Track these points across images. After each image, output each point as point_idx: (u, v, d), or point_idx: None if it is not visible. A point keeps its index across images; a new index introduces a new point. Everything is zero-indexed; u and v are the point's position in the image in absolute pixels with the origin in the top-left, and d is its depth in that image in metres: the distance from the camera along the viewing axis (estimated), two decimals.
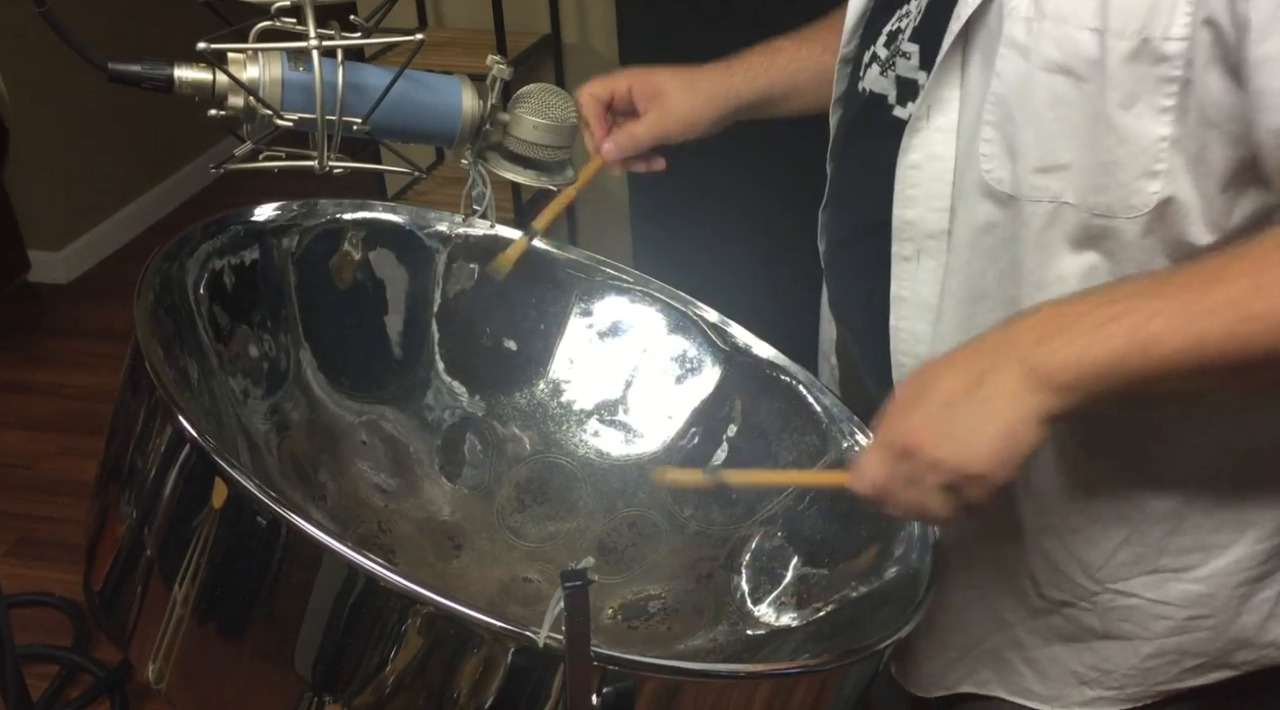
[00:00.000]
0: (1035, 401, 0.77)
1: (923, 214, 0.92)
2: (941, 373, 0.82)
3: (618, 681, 0.74)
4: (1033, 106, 0.83)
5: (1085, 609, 0.99)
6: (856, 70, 1.01)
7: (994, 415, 0.78)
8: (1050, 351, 0.77)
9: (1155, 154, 0.80)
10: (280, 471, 1.04)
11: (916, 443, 0.80)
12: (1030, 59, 0.82)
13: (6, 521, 2.55)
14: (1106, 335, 0.76)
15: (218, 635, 0.84)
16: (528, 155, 1.01)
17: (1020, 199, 0.86)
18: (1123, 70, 0.79)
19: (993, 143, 0.86)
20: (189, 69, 0.89)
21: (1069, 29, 0.80)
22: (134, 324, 0.89)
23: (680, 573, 1.10)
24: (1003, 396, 0.78)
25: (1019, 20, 0.82)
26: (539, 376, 1.20)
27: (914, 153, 0.92)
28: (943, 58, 0.88)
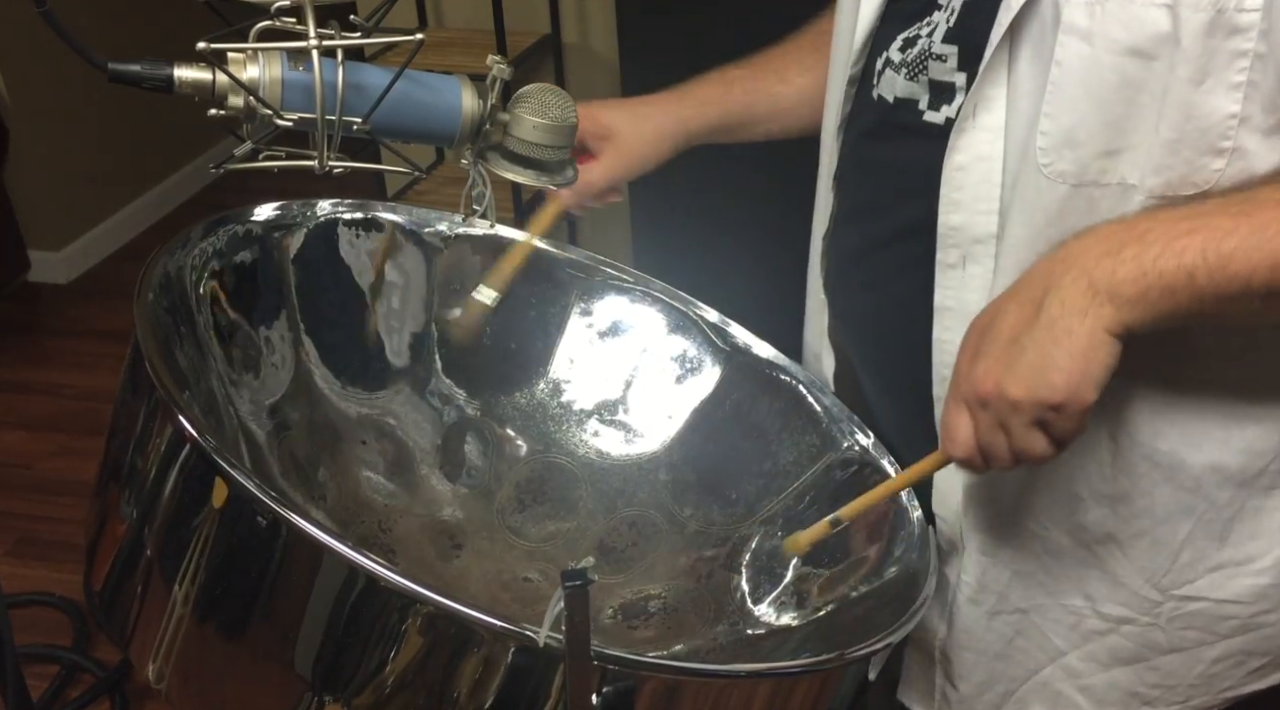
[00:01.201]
0: (1103, 314, 0.76)
1: (970, 218, 0.90)
2: (1002, 308, 0.80)
3: (618, 681, 0.74)
4: (1097, 92, 0.80)
5: (1148, 624, 0.96)
6: (867, 83, 0.99)
7: (1062, 336, 0.76)
8: (1118, 262, 0.76)
9: (1223, 131, 0.78)
10: (280, 471, 1.04)
11: (990, 388, 0.79)
12: (1094, 43, 0.80)
13: (6, 521, 2.55)
14: (1179, 249, 0.75)
15: (218, 635, 0.84)
16: (528, 155, 1.01)
17: (1085, 186, 0.83)
18: (1196, 44, 0.76)
19: (1050, 135, 0.83)
20: (189, 69, 0.89)
21: (1137, 7, 0.78)
22: (134, 324, 0.89)
23: (680, 572, 1.10)
24: (1068, 316, 0.76)
25: (1079, 5, 0.80)
26: (539, 376, 1.20)
27: (960, 154, 0.89)
28: (991, 55, 0.85)
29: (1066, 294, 0.77)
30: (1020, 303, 0.79)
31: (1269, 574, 0.94)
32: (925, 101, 0.93)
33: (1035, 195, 0.85)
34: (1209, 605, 0.95)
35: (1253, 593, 0.95)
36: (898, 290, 0.98)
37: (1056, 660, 1.01)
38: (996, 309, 0.81)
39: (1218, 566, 0.94)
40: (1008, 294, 0.81)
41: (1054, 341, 0.77)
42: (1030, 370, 0.77)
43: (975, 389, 0.80)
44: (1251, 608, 0.95)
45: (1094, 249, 0.77)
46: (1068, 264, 0.78)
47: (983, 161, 0.88)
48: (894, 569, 0.99)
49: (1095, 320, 0.76)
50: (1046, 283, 0.78)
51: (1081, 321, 0.76)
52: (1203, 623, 0.96)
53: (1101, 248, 0.77)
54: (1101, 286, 0.76)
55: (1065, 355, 0.76)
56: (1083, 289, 0.76)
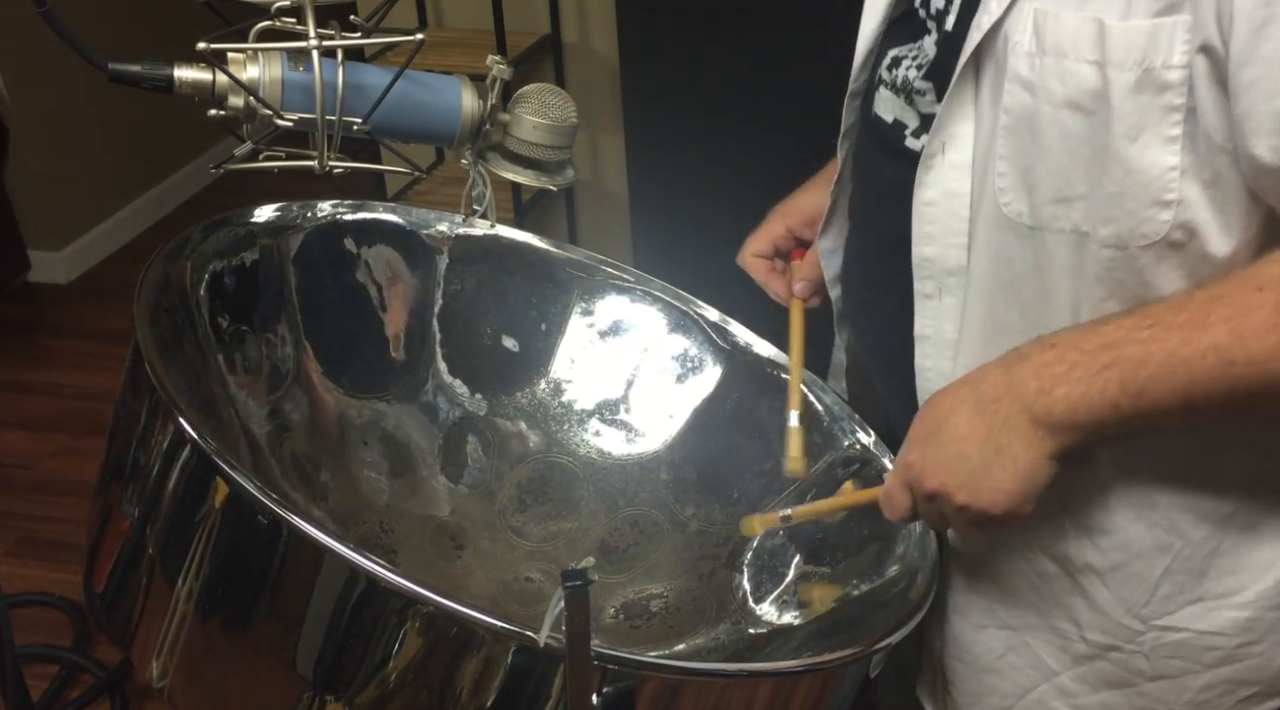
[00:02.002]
0: (1045, 445, 0.83)
1: (941, 251, 0.92)
2: (954, 412, 0.85)
3: (619, 681, 0.74)
4: (1043, 140, 0.83)
5: (1132, 652, 0.97)
6: (868, 99, 1.00)
7: (1008, 462, 0.83)
8: (1052, 401, 0.81)
9: (1165, 184, 0.80)
10: (281, 472, 1.04)
11: (939, 488, 0.85)
12: (1036, 94, 0.82)
13: (6, 521, 2.55)
14: (1102, 384, 0.80)
15: (220, 634, 0.84)
16: (528, 155, 1.01)
17: (1042, 229, 0.86)
18: (1127, 102, 0.78)
19: (1007, 176, 0.85)
20: (189, 69, 0.89)
21: (1069, 63, 0.80)
22: (134, 324, 0.89)
23: (682, 572, 1.10)
24: (1015, 444, 0.83)
25: (1022, 55, 0.82)
26: (540, 376, 1.20)
27: (929, 189, 0.91)
28: (951, 92, 0.87)
29: (1013, 423, 0.83)
30: (973, 417, 0.84)
31: (1251, 607, 0.94)
32: (913, 128, 0.94)
33: (997, 233, 0.88)
34: (1191, 635, 0.95)
35: (1235, 626, 0.95)
36: (888, 303, 0.99)
37: (1050, 679, 1.01)
38: (947, 406, 0.86)
39: (1198, 599, 0.94)
40: (958, 394, 0.86)
41: (1000, 466, 0.83)
42: (975, 485, 0.84)
43: (921, 484, 0.87)
44: (1235, 640, 0.95)
45: (1032, 384, 0.82)
46: (1014, 394, 0.83)
47: (951, 197, 0.90)
48: (894, 568, 0.99)
49: (1038, 449, 0.83)
50: (995, 405, 0.84)
51: (1026, 451, 0.83)
52: (1187, 652, 0.96)
53: (1038, 384, 0.82)
54: (1041, 422, 0.82)
55: (1009, 478, 0.83)
56: (1025, 422, 0.82)
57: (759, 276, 1.17)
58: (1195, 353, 0.77)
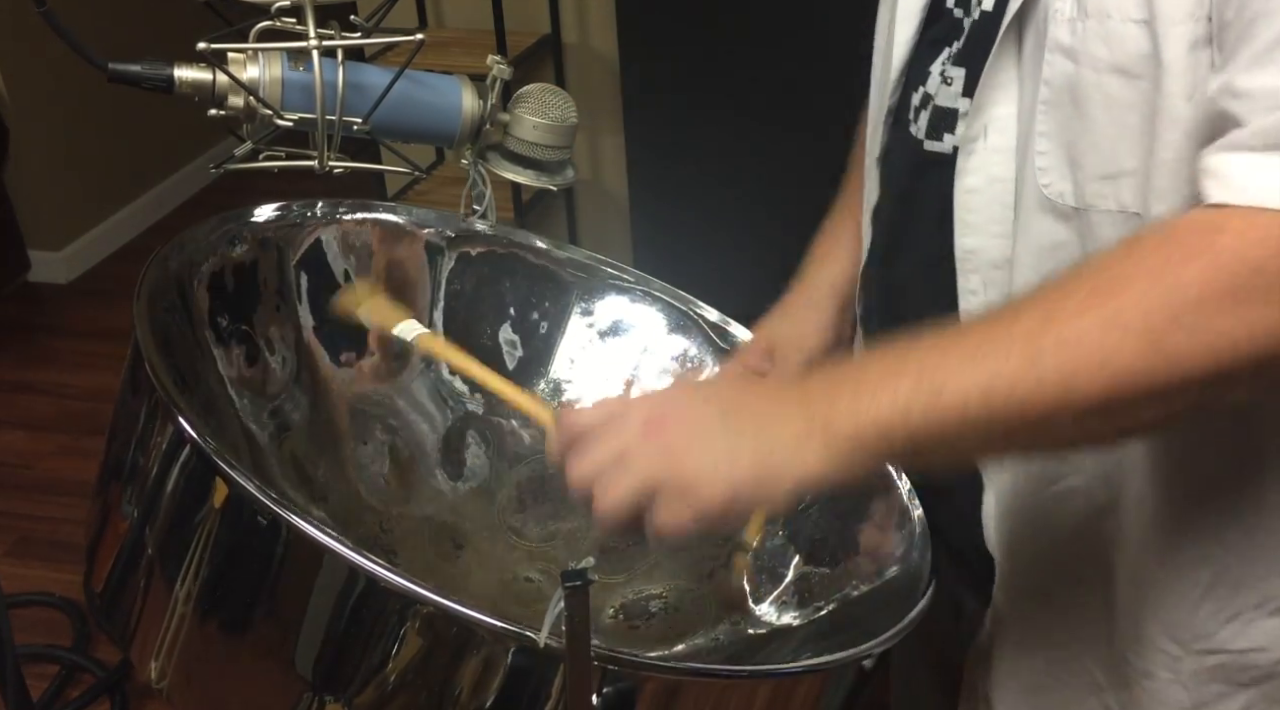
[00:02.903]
0: (812, 451, 0.71)
1: (983, 242, 0.87)
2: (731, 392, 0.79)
3: (618, 681, 0.74)
4: (1087, 111, 0.78)
5: (1168, 681, 0.92)
6: (903, 116, 0.95)
7: (767, 457, 0.71)
8: (834, 401, 0.72)
9: None
10: (281, 472, 1.04)
11: (663, 427, 0.72)
12: (1079, 61, 0.77)
13: (6, 521, 2.55)
14: (893, 387, 0.70)
15: (219, 634, 0.84)
16: (528, 155, 1.01)
17: (1087, 210, 0.80)
18: (1180, 60, 0.73)
19: (1048, 154, 0.80)
20: (189, 69, 0.89)
21: (1114, 24, 0.75)
22: (134, 324, 0.89)
23: (681, 572, 1.10)
24: (791, 448, 0.71)
25: (1063, 22, 0.77)
26: (540, 376, 1.20)
27: (970, 176, 0.86)
28: (988, 70, 0.82)
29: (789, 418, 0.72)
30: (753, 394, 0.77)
31: None
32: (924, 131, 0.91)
33: (1038, 218, 0.83)
34: (1230, 656, 0.92)
35: (1271, 637, 0.91)
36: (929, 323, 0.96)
37: (1098, 694, 0.97)
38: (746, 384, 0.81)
39: (1236, 614, 0.91)
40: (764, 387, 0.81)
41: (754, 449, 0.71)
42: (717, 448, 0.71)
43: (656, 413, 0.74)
44: (1273, 654, 0.92)
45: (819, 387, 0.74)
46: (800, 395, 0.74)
47: (995, 183, 0.85)
48: (894, 569, 0.99)
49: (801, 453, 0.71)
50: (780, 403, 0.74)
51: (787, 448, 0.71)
52: (1224, 675, 0.92)
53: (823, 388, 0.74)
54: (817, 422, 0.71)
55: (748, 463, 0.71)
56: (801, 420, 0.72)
57: None
58: (997, 346, 0.69)
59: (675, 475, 0.71)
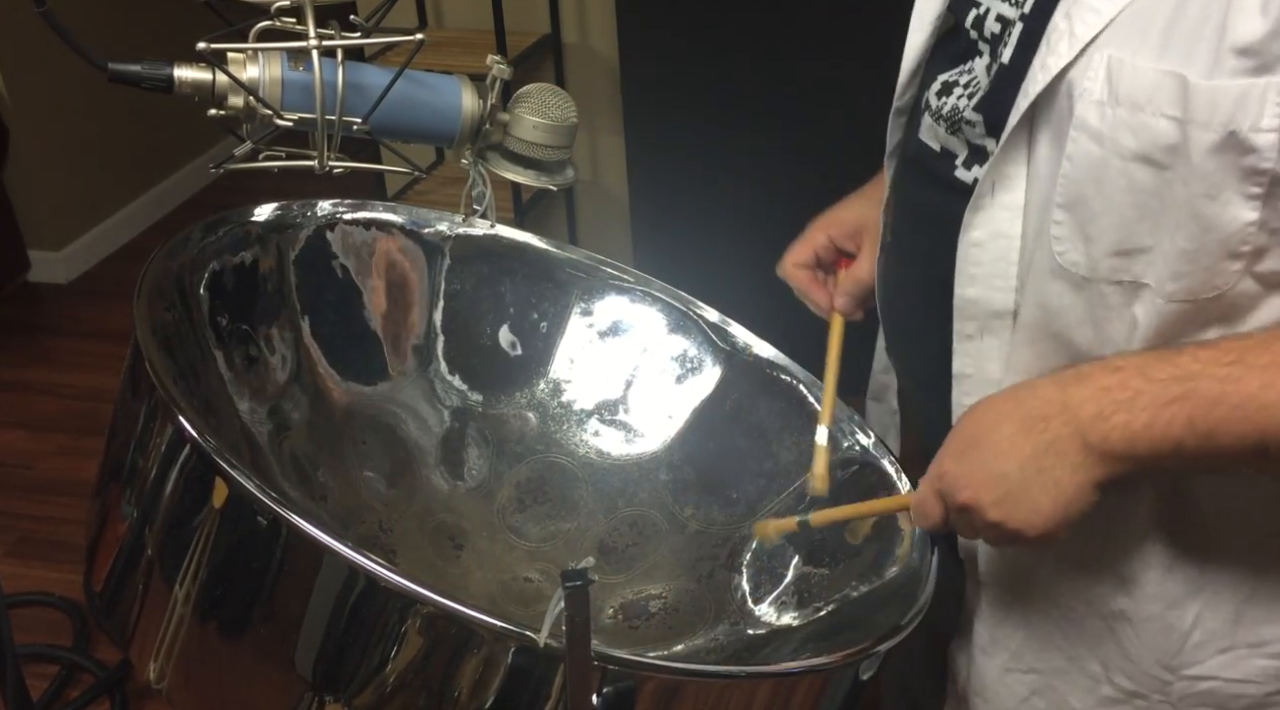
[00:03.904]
0: (1092, 472, 0.78)
1: (986, 293, 0.88)
2: (995, 424, 0.82)
3: (618, 681, 0.74)
4: (1108, 192, 0.78)
5: (1159, 701, 0.94)
6: (914, 119, 0.97)
7: (1050, 485, 0.79)
8: (1110, 428, 0.77)
9: (1242, 237, 0.76)
10: (281, 471, 1.04)
11: (974, 502, 0.81)
12: (1104, 145, 0.77)
13: (6, 521, 2.55)
14: (1168, 418, 0.76)
15: (219, 635, 0.84)
16: (528, 155, 1.01)
17: (1098, 281, 0.82)
18: (1208, 162, 0.74)
19: (1064, 225, 0.81)
20: (189, 69, 0.89)
21: (1146, 117, 0.75)
22: (134, 324, 0.89)
23: (681, 572, 1.10)
24: (1061, 469, 0.79)
25: (1091, 104, 0.77)
26: (539, 376, 1.20)
27: (977, 230, 0.87)
28: (1008, 135, 0.83)
29: (1062, 446, 0.79)
30: (1014, 426, 0.80)
31: None
32: (962, 158, 0.91)
33: (1049, 281, 0.84)
34: (1220, 684, 0.93)
35: (1265, 674, 0.92)
36: (927, 340, 0.96)
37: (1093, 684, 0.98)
38: (990, 419, 0.82)
39: (1229, 648, 0.92)
40: (1002, 406, 0.82)
41: (1042, 487, 0.79)
42: (1012, 505, 0.80)
43: (955, 496, 0.83)
44: (1265, 688, 0.92)
45: (1089, 407, 0.78)
46: (1065, 417, 0.79)
47: (1000, 238, 0.86)
48: (894, 569, 0.99)
49: (1085, 476, 0.79)
50: (1044, 423, 0.79)
51: (1071, 476, 0.79)
52: (1214, 701, 0.93)
53: (1095, 407, 0.78)
54: (1094, 448, 0.78)
55: (1049, 503, 0.79)
56: (1077, 447, 0.78)
57: (800, 286, 1.13)
58: (1272, 399, 0.73)
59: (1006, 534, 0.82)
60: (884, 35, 1.08)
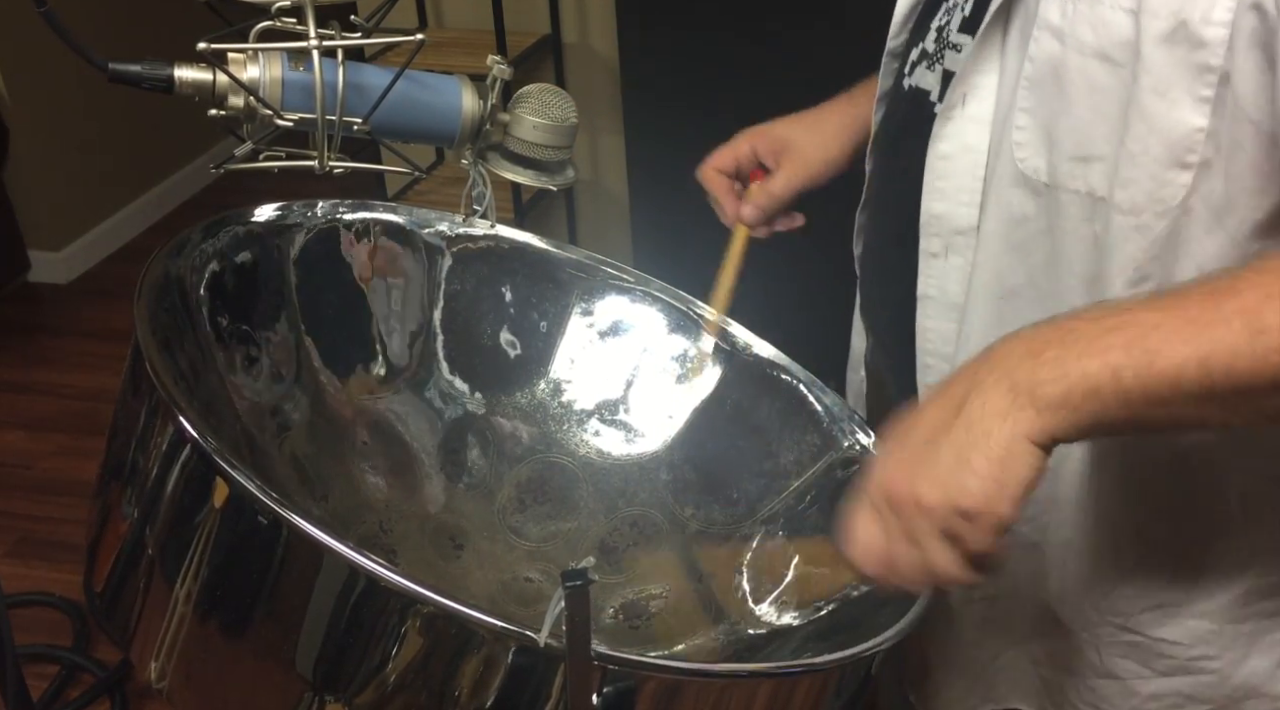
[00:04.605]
0: (1024, 419, 0.69)
1: (952, 208, 0.89)
2: (923, 409, 0.75)
3: (618, 681, 0.74)
4: (1068, 93, 0.79)
5: (1086, 641, 0.95)
6: (903, 67, 0.98)
7: (980, 439, 0.70)
8: (1039, 364, 0.69)
9: (1189, 145, 0.75)
10: (281, 472, 1.04)
11: (900, 488, 0.72)
12: (1065, 42, 0.78)
13: (6, 521, 2.55)
14: (1103, 347, 0.69)
15: (219, 635, 0.84)
16: (528, 155, 1.01)
17: (1057, 188, 0.82)
18: (1157, 53, 0.74)
19: (1026, 129, 0.82)
20: (189, 69, 0.89)
21: (1104, 9, 0.76)
22: (134, 324, 0.89)
23: (681, 572, 1.10)
24: (988, 418, 0.70)
25: (1054, 2, 0.79)
26: (540, 376, 1.20)
27: (945, 142, 0.87)
28: (978, 40, 0.84)
29: (988, 395, 0.70)
30: (941, 404, 0.73)
31: (1212, 618, 0.91)
32: (937, 93, 0.92)
33: (1010, 188, 0.85)
34: (1145, 640, 0.93)
35: (1191, 635, 0.92)
36: (897, 285, 0.97)
37: (1020, 645, 1.01)
38: (920, 409, 0.75)
39: (1158, 606, 0.91)
40: (931, 397, 0.75)
41: (971, 444, 0.70)
42: (944, 472, 0.70)
43: (884, 488, 0.73)
44: (1191, 651, 0.92)
45: (1017, 349, 0.71)
46: (991, 365, 0.71)
47: (968, 152, 0.87)
48: None
49: (1015, 425, 0.69)
50: (969, 384, 0.71)
51: (1001, 425, 0.69)
52: (1139, 656, 0.93)
53: (1024, 348, 0.71)
54: (1023, 388, 0.69)
55: (982, 459, 0.69)
56: (1004, 390, 0.70)
57: (714, 191, 1.14)
58: (1220, 316, 0.67)
59: (951, 527, 0.71)
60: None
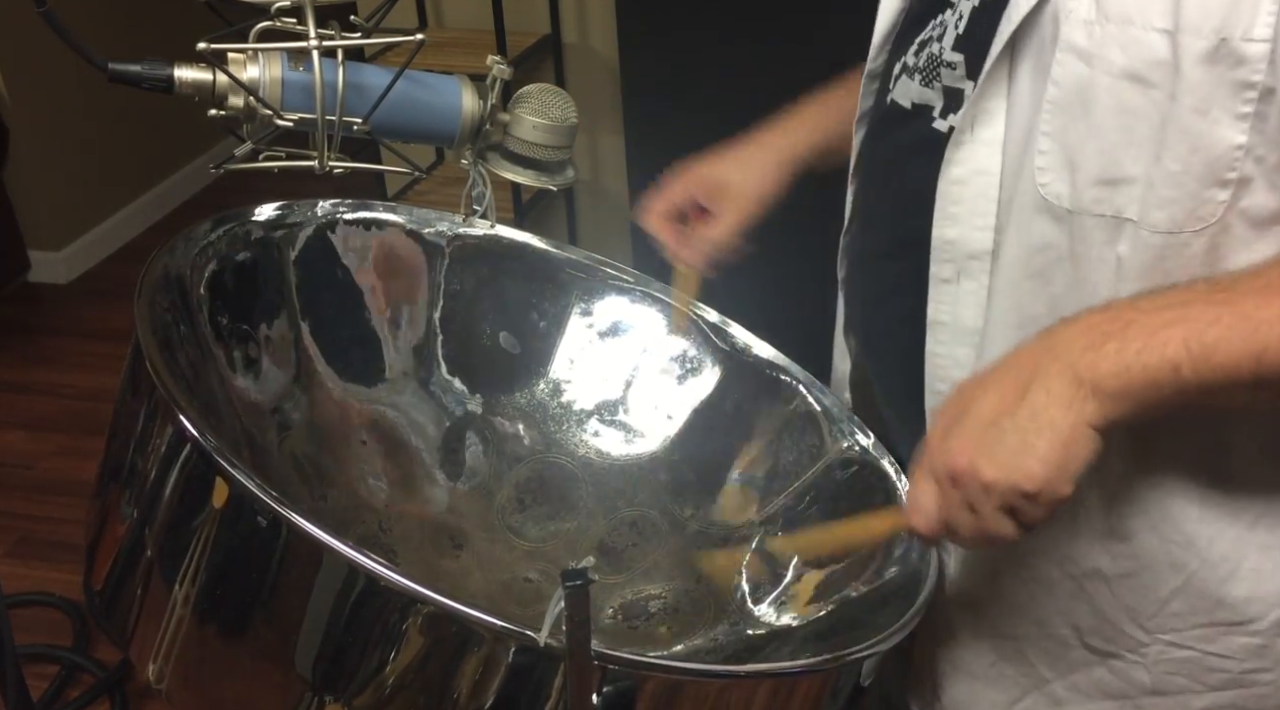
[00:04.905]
0: (1087, 409, 0.74)
1: (966, 233, 0.88)
2: (982, 390, 0.78)
3: (618, 681, 0.74)
4: (1096, 115, 0.78)
5: (1134, 662, 0.94)
6: (885, 84, 0.97)
7: (1045, 427, 0.74)
8: (1100, 356, 0.74)
9: (1229, 162, 0.75)
10: (281, 472, 1.04)
11: (964, 466, 0.76)
12: (1093, 64, 0.77)
13: (6, 521, 2.55)
14: (1162, 341, 0.73)
15: (218, 635, 0.84)
16: (528, 155, 1.01)
17: (1080, 214, 0.81)
18: (1197, 72, 0.74)
19: (1049, 154, 0.81)
20: (189, 69, 0.89)
21: (1136, 31, 0.75)
22: (134, 324, 0.89)
23: (681, 572, 1.10)
24: (1052, 407, 0.74)
25: (1078, 24, 0.77)
26: (539, 376, 1.20)
27: (957, 167, 0.87)
28: (990, 65, 0.83)
29: (1052, 384, 0.75)
30: (1002, 386, 0.77)
31: (1265, 635, 0.91)
32: (939, 108, 0.91)
33: (1031, 215, 0.84)
34: (1197, 655, 0.92)
35: (1245, 650, 0.91)
36: (895, 304, 0.97)
37: (1041, 687, 0.99)
38: (977, 388, 0.79)
39: (1209, 623, 0.91)
40: (989, 375, 0.79)
41: (1037, 431, 0.75)
42: (1009, 455, 0.75)
43: (948, 464, 0.78)
44: (1244, 664, 0.92)
45: (1079, 340, 0.75)
46: (1054, 354, 0.76)
47: (980, 175, 0.86)
48: (894, 569, 0.99)
49: (1079, 414, 0.74)
50: (1033, 369, 0.76)
51: (1065, 414, 0.74)
52: (1190, 671, 0.93)
53: (1085, 340, 0.75)
54: (1086, 380, 0.74)
55: (1046, 445, 0.74)
56: (1068, 381, 0.74)
57: (659, 236, 1.15)
58: (1275, 315, 0.71)
59: (1008, 501, 0.76)
60: None
